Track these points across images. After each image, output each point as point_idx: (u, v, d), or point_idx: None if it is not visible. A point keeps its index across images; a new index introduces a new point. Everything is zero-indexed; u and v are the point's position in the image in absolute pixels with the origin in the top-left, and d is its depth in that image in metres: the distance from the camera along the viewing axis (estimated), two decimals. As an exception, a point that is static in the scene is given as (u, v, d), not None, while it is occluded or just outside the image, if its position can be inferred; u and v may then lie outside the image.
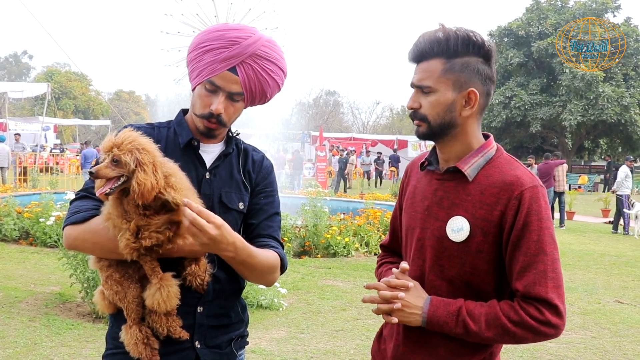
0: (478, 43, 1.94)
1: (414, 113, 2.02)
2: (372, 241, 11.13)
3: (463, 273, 1.95)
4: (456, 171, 1.99)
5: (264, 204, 2.21)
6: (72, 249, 2.02)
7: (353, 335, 6.32)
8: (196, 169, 2.10)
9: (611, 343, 6.41)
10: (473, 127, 2.00)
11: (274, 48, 2.09)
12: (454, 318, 1.89)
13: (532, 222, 1.86)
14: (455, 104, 1.95)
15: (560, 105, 37.83)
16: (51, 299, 7.08)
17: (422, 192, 2.09)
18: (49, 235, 9.17)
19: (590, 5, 40.28)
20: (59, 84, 56.50)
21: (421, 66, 1.99)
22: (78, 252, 6.25)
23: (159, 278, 1.90)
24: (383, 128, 72.18)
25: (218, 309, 2.14)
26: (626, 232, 16.67)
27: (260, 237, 2.16)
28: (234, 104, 2.06)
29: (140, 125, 2.14)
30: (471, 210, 1.93)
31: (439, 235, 1.98)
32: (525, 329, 1.84)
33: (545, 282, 1.83)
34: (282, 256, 2.15)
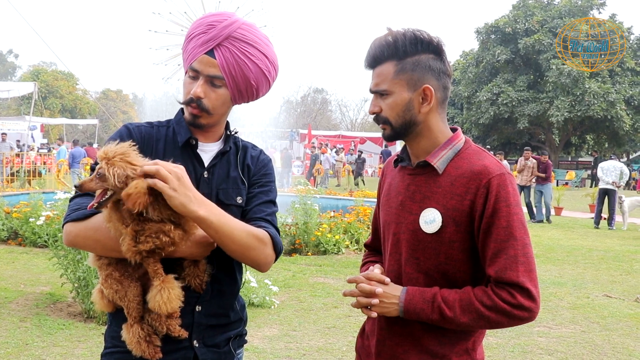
0: (426, 40, 1.98)
1: (376, 117, 2.06)
2: (362, 238, 11.14)
3: (438, 264, 1.99)
4: (426, 165, 2.03)
5: (257, 192, 2.19)
6: (72, 245, 2.01)
7: (345, 332, 6.34)
8: (194, 168, 2.10)
9: (600, 337, 6.47)
10: (436, 121, 2.04)
11: (253, 31, 2.08)
12: (429, 305, 1.93)
13: (501, 209, 1.90)
14: (412, 103, 1.99)
15: (547, 102, 38.06)
16: (42, 299, 7.05)
17: (396, 188, 2.14)
18: (38, 235, 9.14)
19: (576, 2, 40.50)
20: (46, 83, 56.16)
21: (376, 71, 2.04)
22: (76, 249, 6.26)
23: (161, 280, 1.90)
24: (371, 125, 72.17)
25: (216, 309, 2.14)
26: (611, 226, 16.83)
27: (252, 220, 2.10)
28: (215, 89, 2.04)
29: (139, 124, 2.15)
30: (442, 201, 1.97)
31: (413, 228, 2.02)
32: (499, 312, 1.88)
33: (516, 267, 1.87)
34: (272, 235, 2.07)
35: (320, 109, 74.33)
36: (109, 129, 62.12)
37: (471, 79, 41.89)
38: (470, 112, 41.47)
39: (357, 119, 76.22)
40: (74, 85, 61.38)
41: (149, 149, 2.07)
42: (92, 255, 2.03)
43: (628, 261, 11.39)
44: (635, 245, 13.72)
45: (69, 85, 60.40)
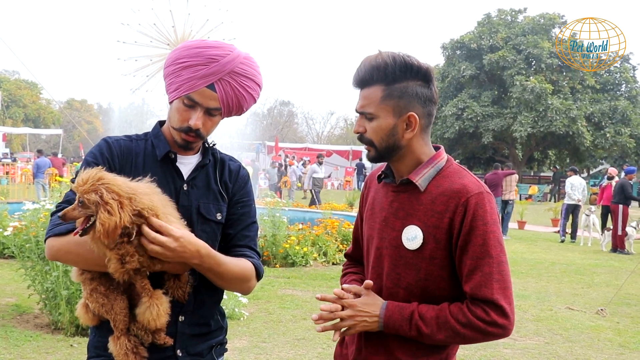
0: (415, 67, 2.02)
1: (361, 137, 2.12)
2: (330, 251, 11.22)
3: (418, 279, 2.04)
4: (409, 183, 2.09)
5: (240, 214, 2.26)
6: (55, 260, 2.05)
7: (314, 344, 6.38)
8: (174, 181, 2.15)
9: (563, 348, 6.63)
10: (418, 145, 2.09)
11: (252, 65, 2.15)
12: (407, 322, 1.99)
13: (478, 227, 1.96)
14: (396, 128, 2.04)
15: (511, 117, 38.68)
16: (7, 310, 6.95)
17: (380, 203, 2.19)
18: (5, 246, 8.98)
19: (539, 21, 41.37)
20: (8, 92, 55.22)
21: (363, 93, 2.08)
22: (44, 260, 6.19)
23: (149, 296, 1.95)
24: (337, 138, 72.55)
25: (199, 318, 2.19)
26: (573, 239, 17.19)
27: (237, 247, 2.23)
28: (211, 118, 2.11)
29: (118, 138, 2.19)
30: (423, 218, 2.03)
31: (395, 244, 2.08)
32: (474, 330, 1.95)
33: (491, 284, 1.94)
34: (256, 265, 2.21)
35: (287, 122, 74.41)
36: (73, 139, 61.24)
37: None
38: (435, 127, 41.79)
39: (323, 132, 76.51)
40: (38, 94, 60.47)
41: (129, 163, 2.12)
42: (75, 270, 2.06)
43: (589, 274, 11.66)
44: (595, 259, 14.04)
45: (32, 95, 59.49)
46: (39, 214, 6.74)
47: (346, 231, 11.94)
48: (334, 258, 11.19)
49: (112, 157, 2.09)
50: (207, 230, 2.16)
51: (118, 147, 2.14)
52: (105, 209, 1.78)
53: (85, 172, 1.84)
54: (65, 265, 5.99)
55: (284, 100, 74.77)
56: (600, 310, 8.34)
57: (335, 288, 2.16)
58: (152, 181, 1.97)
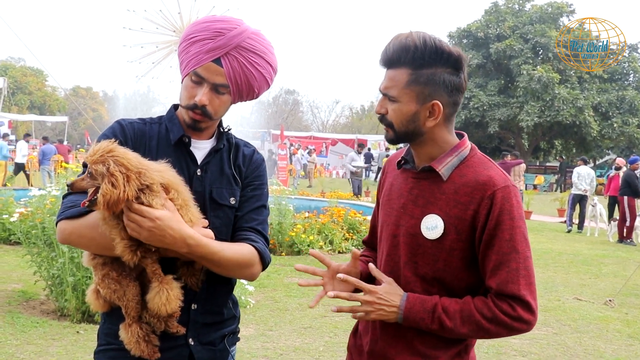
0: (446, 53, 1.94)
1: (381, 118, 2.05)
2: (336, 239, 11.17)
3: (436, 270, 1.99)
4: (431, 170, 2.02)
5: (250, 196, 2.19)
6: (66, 243, 1.99)
7: (321, 332, 6.36)
8: (187, 166, 2.10)
9: (572, 339, 6.58)
10: (441, 133, 2.03)
11: (261, 41, 2.08)
12: (429, 315, 1.94)
13: (504, 222, 1.90)
14: (418, 115, 1.97)
15: (518, 107, 38.53)
16: (14, 296, 6.94)
17: (398, 189, 2.13)
18: (10, 232, 8.98)
19: (547, 9, 41.12)
20: (14, 79, 55.25)
21: (388, 73, 2.01)
22: (50, 246, 6.17)
23: (159, 281, 1.90)
24: (342, 127, 72.44)
25: (211, 307, 2.15)
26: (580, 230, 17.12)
27: (242, 230, 2.15)
28: (219, 96, 2.05)
29: (132, 120, 2.14)
30: (445, 208, 1.97)
31: (413, 232, 2.02)
32: (499, 325, 1.91)
33: (517, 280, 1.89)
34: (261, 250, 2.11)
35: (292, 110, 74.33)
36: (79, 127, 61.33)
37: (443, 83, 42.14)
38: (441, 116, 41.67)
39: (328, 121, 76.43)
40: (43, 81, 60.51)
41: (142, 146, 2.06)
42: (86, 255, 2.01)
43: (596, 265, 11.61)
44: (602, 249, 13.98)
45: (37, 82, 59.53)
46: (44, 200, 6.72)
47: (352, 220, 11.90)
48: (340, 247, 11.14)
49: (126, 140, 2.03)
50: (220, 216, 2.11)
51: (131, 130, 2.09)
52: (110, 181, 1.73)
53: (98, 144, 1.80)
54: (71, 252, 5.97)
55: (289, 89, 74.73)
56: (608, 301, 8.29)
57: None
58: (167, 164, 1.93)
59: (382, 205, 2.22)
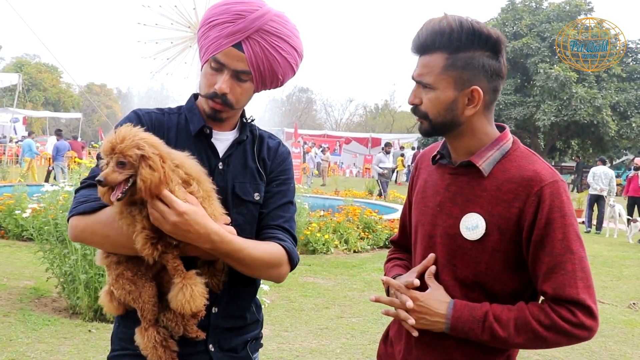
0: (484, 35, 1.79)
1: (414, 109, 1.89)
2: (351, 238, 11.02)
3: (477, 273, 1.84)
4: (470, 165, 1.87)
5: (275, 192, 2.04)
6: (79, 241, 1.84)
7: (338, 334, 6.21)
8: (208, 159, 1.95)
9: (597, 344, 6.39)
10: (480, 123, 1.87)
11: (285, 24, 1.93)
12: (480, 324, 1.77)
13: (556, 220, 1.74)
14: (456, 103, 1.82)
15: (534, 106, 38.16)
16: (26, 293, 6.84)
17: (433, 186, 1.97)
18: (23, 228, 8.88)
19: (564, 7, 40.65)
20: (29, 75, 55.56)
21: (422, 60, 1.86)
22: (63, 243, 6.07)
23: (182, 277, 1.74)
24: (356, 126, 72.32)
25: (234, 310, 1.99)
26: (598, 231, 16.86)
27: (268, 227, 2.00)
28: (240, 84, 1.90)
29: (149, 110, 1.99)
30: (487, 206, 1.82)
31: (451, 232, 1.87)
32: (558, 332, 1.73)
33: (575, 283, 1.73)
34: (289, 250, 1.95)
35: (306, 108, 74.31)
36: (92, 123, 61.66)
37: (458, 82, 41.87)
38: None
39: (341, 119, 76.30)
40: (58, 78, 60.84)
41: (160, 137, 1.87)
42: (99, 253, 1.86)
43: (617, 267, 11.39)
44: (623, 251, 13.74)
45: (52, 78, 59.86)
46: (57, 196, 6.61)
47: (368, 219, 11.73)
48: (356, 246, 11.00)
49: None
50: (243, 213, 1.96)
51: (149, 120, 1.95)
52: (147, 164, 1.60)
53: (118, 131, 1.65)
54: (83, 249, 5.86)
55: (302, 87, 74.75)
56: (632, 304, 8.09)
57: (361, 275, 1.97)
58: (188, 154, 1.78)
59: (415, 203, 2.06)
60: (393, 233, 11.63)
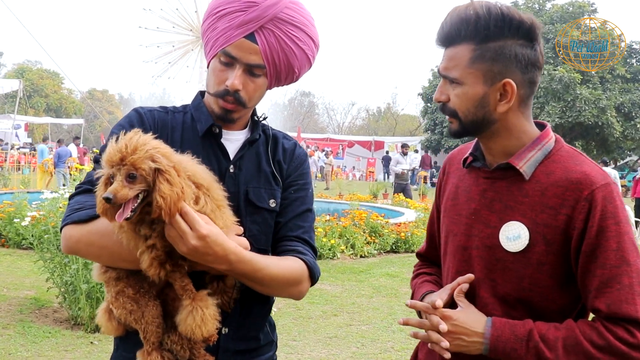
0: (515, 21, 1.61)
1: (442, 106, 1.71)
2: (358, 243, 10.81)
3: (520, 289, 1.64)
4: (509, 168, 1.68)
5: (293, 199, 1.85)
6: (73, 253, 1.65)
7: (348, 343, 6.02)
8: (218, 161, 1.76)
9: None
10: (517, 120, 1.69)
11: (301, 11, 1.75)
12: (523, 344, 1.58)
13: (609, 227, 1.55)
14: (487, 99, 1.64)
15: (538, 107, 37.92)
16: (26, 304, 6.65)
17: (466, 192, 1.78)
18: (23, 237, 8.70)
19: (567, 9, 40.47)
20: (30, 81, 55.47)
21: (448, 52, 1.68)
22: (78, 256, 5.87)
23: (191, 298, 1.56)
24: (359, 129, 72.09)
25: (246, 331, 1.81)
26: None
27: (287, 239, 1.81)
28: (254, 79, 1.71)
29: (152, 109, 1.80)
30: (530, 214, 1.63)
31: (490, 244, 1.68)
32: (614, 355, 1.53)
33: (633, 299, 1.53)
34: (310, 264, 1.77)
35: (308, 112, 74.19)
36: (95, 129, 61.61)
37: (461, 84, 41.68)
38: (459, 117, 41.24)
39: (344, 123, 76.12)
40: (59, 84, 60.81)
41: (164, 138, 1.66)
42: (97, 267, 1.67)
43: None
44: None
45: (54, 84, 59.82)
46: (57, 203, 6.44)
47: (374, 223, 11.50)
48: (362, 250, 10.80)
49: (145, 131, 1.69)
50: (258, 221, 1.77)
51: (151, 119, 1.77)
52: (165, 178, 1.40)
53: (127, 139, 1.44)
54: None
55: (304, 91, 74.55)
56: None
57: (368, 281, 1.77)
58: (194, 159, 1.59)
59: (445, 212, 1.87)
60: (400, 237, 11.46)
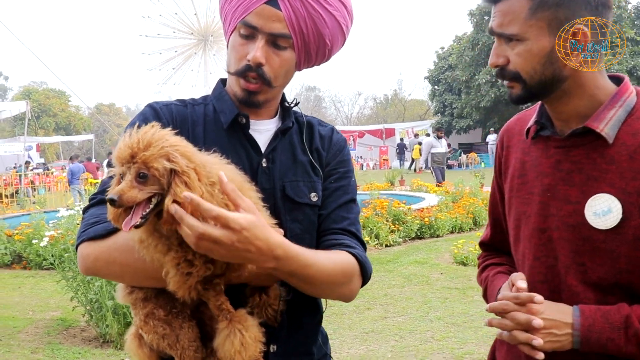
0: None
1: (500, 71, 1.49)
2: (382, 233, 10.59)
3: (617, 272, 1.41)
4: (586, 133, 1.45)
5: (334, 189, 1.64)
6: (92, 273, 1.45)
7: (386, 336, 5.81)
8: (248, 156, 1.55)
9: None
10: (591, 75, 1.46)
11: None
12: (621, 332, 1.36)
13: None
14: (556, 53, 1.41)
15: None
16: (53, 325, 6.49)
17: (536, 166, 1.55)
18: (43, 257, 8.56)
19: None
20: (38, 102, 55.75)
21: (500, 6, 1.45)
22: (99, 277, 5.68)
23: (228, 319, 1.35)
24: (368, 119, 71.72)
25: (297, 346, 1.60)
26: None
27: (331, 233, 1.59)
28: (278, 52, 1.50)
29: (168, 103, 1.60)
30: (619, 183, 1.40)
31: (573, 222, 1.45)
32: None
33: None
34: (361, 259, 1.54)
35: (315, 106, 73.87)
36: (105, 144, 61.86)
37: (468, 63, 41.14)
38: (469, 96, 40.73)
39: (352, 114, 75.76)
40: (66, 102, 61.07)
41: (184, 134, 1.43)
42: (121, 288, 1.48)
43: None
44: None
45: (61, 103, 60.09)
46: (74, 220, 6.28)
47: (396, 210, 11.26)
48: (387, 240, 10.59)
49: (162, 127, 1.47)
50: (299, 219, 1.56)
51: (168, 114, 1.56)
52: (182, 181, 1.18)
53: (141, 132, 1.24)
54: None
55: (309, 86, 74.28)
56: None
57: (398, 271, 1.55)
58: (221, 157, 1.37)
59: (512, 192, 1.64)
60: (424, 223, 11.23)
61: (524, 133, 1.62)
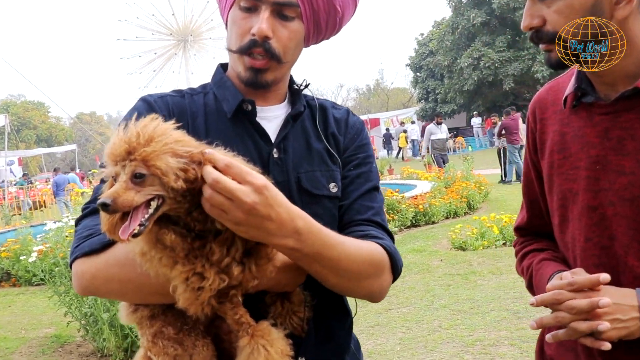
0: None
1: (536, 34, 1.33)
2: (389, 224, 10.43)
3: None
4: (637, 94, 1.29)
5: (355, 176, 1.46)
6: (90, 293, 1.27)
7: (392, 329, 5.66)
8: (257, 146, 1.38)
9: None
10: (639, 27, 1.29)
11: None
12: None
13: None
14: (600, 5, 1.25)
15: (530, 59, 37.45)
16: (47, 343, 6.28)
17: (579, 137, 1.39)
18: (33, 273, 8.35)
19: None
20: (17, 115, 55.45)
21: None
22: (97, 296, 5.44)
23: (249, 334, 1.17)
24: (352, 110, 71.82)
25: (327, 355, 1.42)
26: None
27: (354, 224, 1.41)
28: (286, 23, 1.33)
29: (163, 94, 1.42)
30: None
31: (631, 196, 1.29)
32: None
33: None
34: (390, 250, 1.36)
35: (298, 101, 74.12)
36: (88, 153, 61.50)
37: (449, 47, 41.19)
38: (452, 81, 40.80)
39: (335, 106, 76.09)
40: (46, 113, 60.67)
41: (184, 127, 1.23)
42: (124, 306, 1.29)
43: None
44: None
45: (41, 114, 59.70)
46: (62, 232, 6.08)
47: (389, 199, 11.07)
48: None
49: None
50: (318, 213, 1.35)
51: (164, 107, 1.38)
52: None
53: (140, 125, 1.06)
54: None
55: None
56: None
57: None
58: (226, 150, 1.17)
59: (552, 169, 1.47)
60: (419, 210, 11.09)
61: (561, 102, 1.45)
